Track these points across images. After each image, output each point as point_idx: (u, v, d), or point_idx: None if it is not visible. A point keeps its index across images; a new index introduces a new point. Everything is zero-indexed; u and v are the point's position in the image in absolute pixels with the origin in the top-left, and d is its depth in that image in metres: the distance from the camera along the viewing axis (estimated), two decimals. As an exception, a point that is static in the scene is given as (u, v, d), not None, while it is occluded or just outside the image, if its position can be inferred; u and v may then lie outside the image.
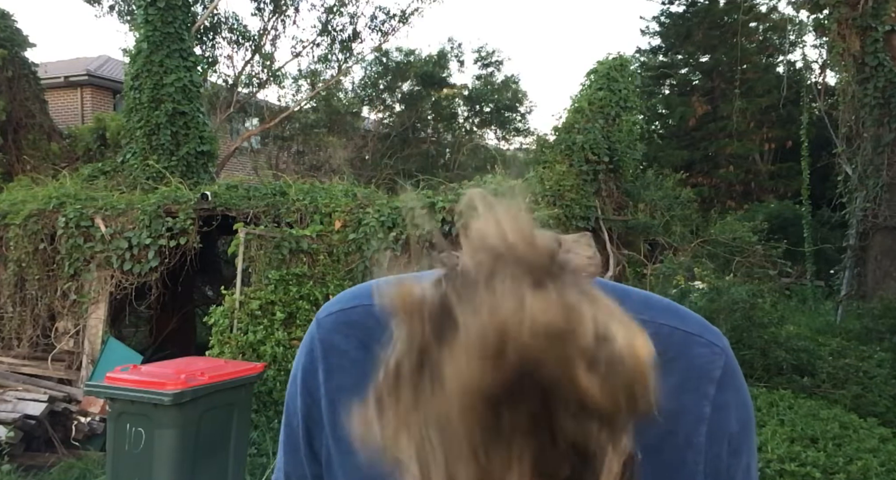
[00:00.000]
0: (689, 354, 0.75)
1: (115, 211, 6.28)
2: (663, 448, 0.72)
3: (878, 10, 9.74)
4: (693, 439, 0.73)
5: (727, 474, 0.75)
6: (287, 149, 19.70)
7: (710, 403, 0.74)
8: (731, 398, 0.76)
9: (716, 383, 0.75)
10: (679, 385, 0.73)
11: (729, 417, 0.75)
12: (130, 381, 3.48)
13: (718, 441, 0.74)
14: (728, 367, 0.77)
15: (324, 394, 0.77)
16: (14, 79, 10.83)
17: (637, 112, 9.99)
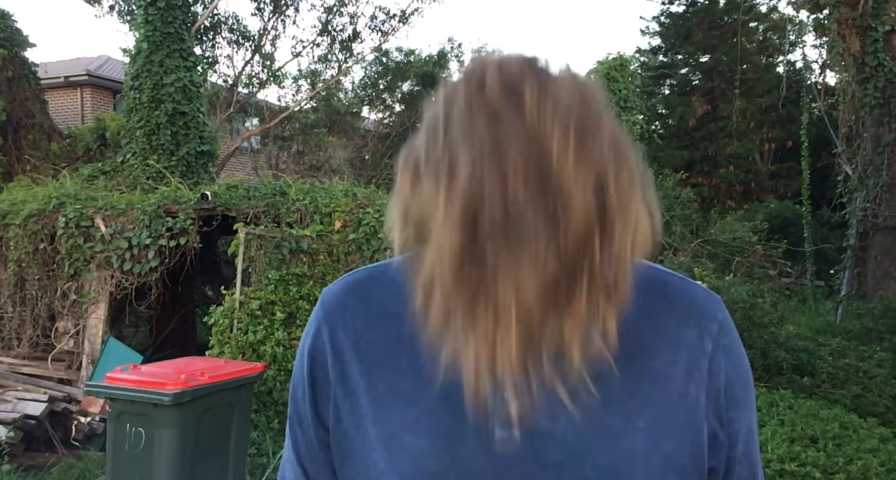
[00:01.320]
0: (690, 295, 0.81)
1: (115, 211, 6.28)
2: (670, 376, 0.76)
3: (878, 10, 9.74)
4: (694, 372, 0.76)
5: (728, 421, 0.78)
6: (287, 149, 19.70)
7: (711, 340, 0.78)
8: (733, 344, 0.80)
9: (718, 323, 0.79)
10: (681, 319, 0.78)
11: (730, 360, 0.79)
12: (130, 381, 3.48)
13: (718, 377, 0.77)
14: (727, 316, 0.81)
15: (329, 351, 0.81)
16: (14, 79, 10.84)
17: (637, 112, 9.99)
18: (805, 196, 15.42)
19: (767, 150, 20.24)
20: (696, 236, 9.49)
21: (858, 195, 10.16)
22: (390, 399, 0.77)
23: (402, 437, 0.75)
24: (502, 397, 0.72)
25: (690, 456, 0.75)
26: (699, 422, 0.75)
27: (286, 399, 5.34)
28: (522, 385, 0.72)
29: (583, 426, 0.72)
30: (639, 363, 0.75)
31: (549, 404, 0.72)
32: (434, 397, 0.75)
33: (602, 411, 0.73)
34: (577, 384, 0.72)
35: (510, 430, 0.72)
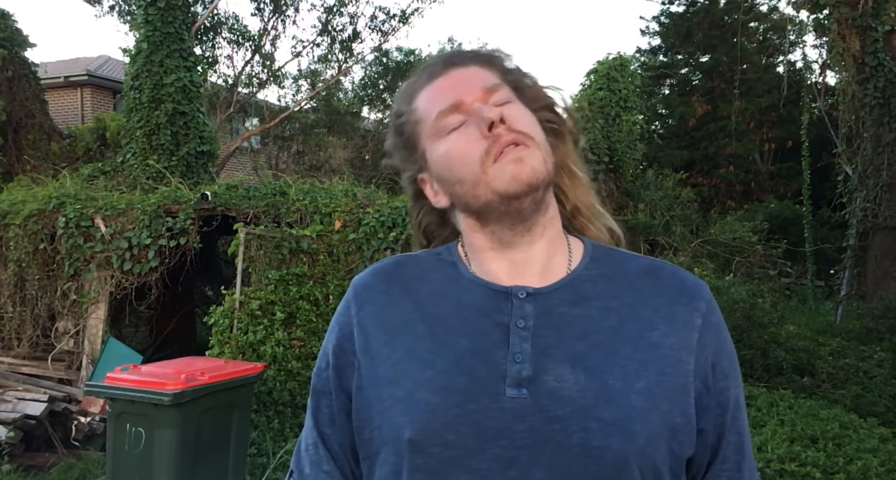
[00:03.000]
0: (680, 278, 0.90)
1: (115, 211, 6.28)
2: (661, 345, 0.84)
3: (878, 10, 9.74)
4: (686, 342, 0.85)
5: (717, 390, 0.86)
6: (287, 149, 19.69)
7: (700, 316, 0.87)
8: (719, 322, 0.89)
9: (706, 302, 0.88)
10: (673, 298, 0.87)
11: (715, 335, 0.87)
12: (130, 381, 3.48)
13: (705, 349, 0.85)
14: (713, 299, 0.90)
15: (356, 324, 0.91)
16: (14, 79, 10.83)
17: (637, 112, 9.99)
18: (805, 196, 15.41)
19: (767, 150, 20.22)
20: (696, 236, 9.48)
21: (858, 195, 10.16)
22: (409, 362, 0.85)
23: (418, 393, 0.83)
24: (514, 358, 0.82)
25: (683, 416, 0.82)
26: (689, 386, 0.83)
27: (286, 399, 5.34)
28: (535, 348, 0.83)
29: (586, 386, 0.80)
30: (636, 335, 0.84)
31: (556, 366, 0.81)
32: (449, 360, 0.83)
33: (604, 374, 0.81)
34: (581, 350, 0.82)
35: (520, 389, 0.80)
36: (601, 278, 0.88)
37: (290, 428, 5.14)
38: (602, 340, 0.83)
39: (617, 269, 0.89)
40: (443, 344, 0.84)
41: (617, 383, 0.80)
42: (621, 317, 0.84)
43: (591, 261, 0.90)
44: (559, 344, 0.82)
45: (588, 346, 0.82)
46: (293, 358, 5.45)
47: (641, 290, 0.87)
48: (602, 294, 0.86)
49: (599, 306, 0.85)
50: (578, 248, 0.92)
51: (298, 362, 5.45)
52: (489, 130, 0.84)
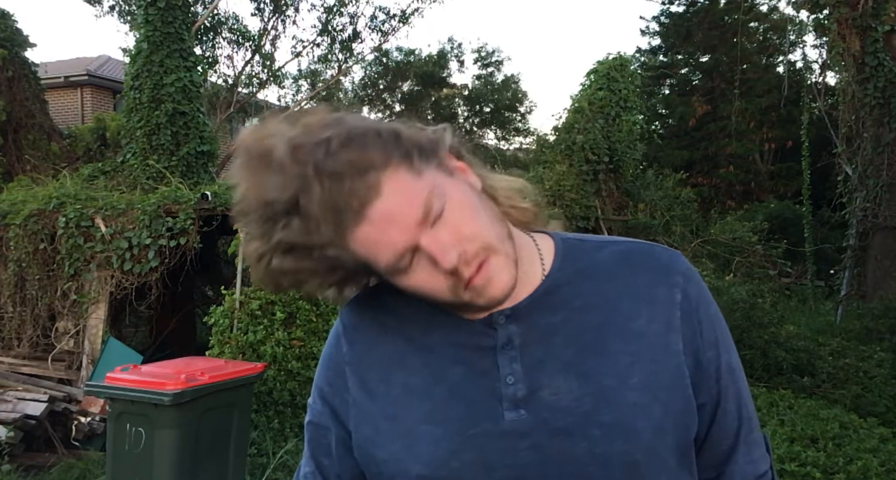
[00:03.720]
0: (653, 255, 0.89)
1: (115, 211, 6.28)
2: (648, 333, 0.83)
3: (878, 10, 9.74)
4: (672, 322, 0.84)
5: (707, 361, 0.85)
6: (287, 149, 19.67)
7: (680, 291, 0.85)
8: (699, 292, 0.87)
9: (683, 275, 0.87)
10: (651, 280, 0.86)
11: (697, 305, 0.86)
12: (130, 381, 3.48)
13: (690, 322, 0.84)
14: (689, 266, 0.89)
15: (347, 361, 0.90)
16: (14, 79, 10.83)
17: (637, 112, 9.99)
18: (805, 196, 15.41)
19: (767, 150, 20.22)
20: (696, 236, 9.49)
21: (858, 195, 10.16)
22: (406, 396, 0.84)
23: (420, 428, 0.82)
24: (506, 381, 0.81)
25: (683, 399, 0.82)
26: (682, 366, 0.83)
27: (286, 399, 5.34)
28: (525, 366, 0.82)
29: (582, 392, 0.80)
30: (622, 327, 0.83)
31: (550, 379, 0.81)
32: (445, 390, 0.83)
33: (598, 375, 0.80)
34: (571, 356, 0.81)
35: (518, 410, 0.80)
36: (576, 275, 0.86)
37: (290, 428, 5.14)
38: (589, 340, 0.82)
39: (590, 261, 0.88)
40: (437, 374, 0.84)
41: (612, 382, 0.80)
42: (604, 312, 0.84)
43: (563, 260, 0.88)
44: (548, 355, 0.82)
45: (577, 350, 0.81)
46: (293, 358, 5.45)
47: (618, 279, 0.86)
48: (580, 292, 0.85)
49: (580, 305, 0.84)
50: (549, 247, 0.90)
51: (298, 362, 5.45)
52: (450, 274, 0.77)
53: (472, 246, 0.77)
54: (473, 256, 0.77)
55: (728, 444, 0.88)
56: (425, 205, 0.75)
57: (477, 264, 0.77)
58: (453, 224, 0.76)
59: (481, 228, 0.78)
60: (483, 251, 0.77)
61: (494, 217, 0.81)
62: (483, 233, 0.78)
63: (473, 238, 0.77)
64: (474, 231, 0.77)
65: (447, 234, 0.76)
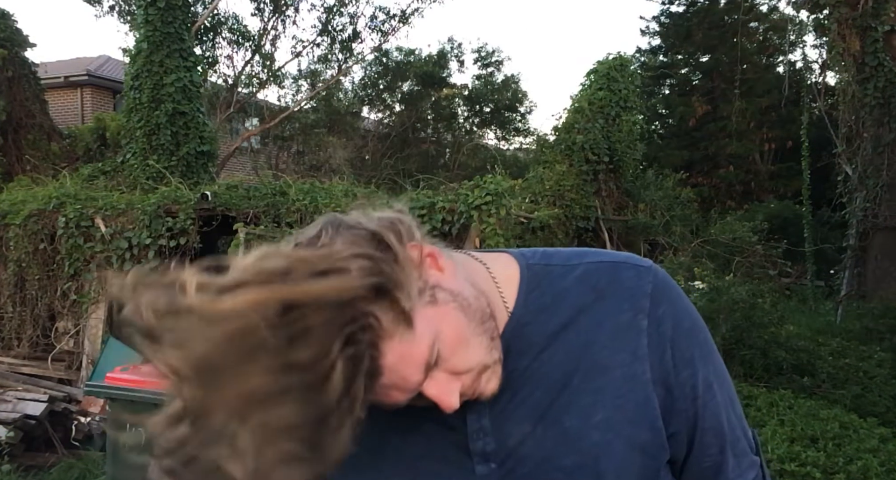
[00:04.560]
0: (618, 279, 0.83)
1: (115, 211, 6.28)
2: (612, 365, 0.79)
3: (878, 10, 9.74)
4: (638, 351, 0.79)
5: (680, 383, 0.80)
6: (287, 149, 19.70)
7: (646, 316, 0.80)
8: (668, 310, 0.82)
9: (648, 297, 0.81)
10: (615, 307, 0.81)
11: (667, 325, 0.81)
12: (130, 381, 3.48)
13: (659, 347, 0.80)
14: (658, 282, 0.83)
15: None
16: (14, 79, 10.83)
17: (637, 112, 9.98)
18: (805, 196, 15.41)
19: (767, 150, 20.22)
20: (696, 236, 9.48)
21: (858, 195, 10.16)
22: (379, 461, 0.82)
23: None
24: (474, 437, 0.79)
25: (650, 430, 0.79)
26: (651, 397, 0.79)
27: (286, 399, 5.34)
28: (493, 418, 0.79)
29: (544, 435, 0.77)
30: (587, 363, 0.79)
31: (517, 428, 0.78)
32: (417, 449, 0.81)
33: (560, 417, 0.78)
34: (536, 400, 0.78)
35: (488, 464, 0.78)
36: (542, 312, 0.82)
37: (290, 428, 5.14)
38: (554, 380, 0.79)
39: (554, 293, 0.83)
40: (407, 433, 0.81)
41: (574, 422, 0.77)
42: (568, 347, 0.80)
43: (528, 292, 0.83)
44: (515, 403, 0.79)
45: (542, 394, 0.79)
46: (293, 358, 5.45)
47: (583, 308, 0.81)
48: (545, 329, 0.81)
49: (545, 344, 0.80)
50: (511, 276, 0.84)
51: (298, 362, 5.45)
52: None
53: (470, 377, 0.74)
54: (471, 385, 0.75)
55: (713, 462, 0.84)
56: (426, 365, 0.70)
57: (473, 390, 0.75)
58: (451, 365, 0.72)
59: (475, 358, 0.74)
60: (479, 374, 0.75)
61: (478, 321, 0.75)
62: (477, 360, 0.75)
63: (470, 369, 0.74)
64: (471, 365, 0.74)
65: (447, 379, 0.72)
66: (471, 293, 0.77)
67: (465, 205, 5.91)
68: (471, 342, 0.74)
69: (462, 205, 5.92)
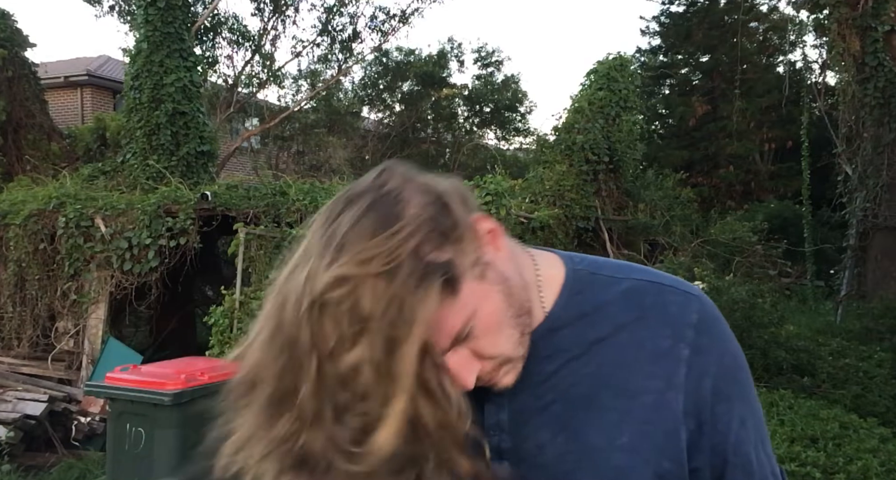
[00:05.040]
0: (663, 302, 0.80)
1: (115, 211, 6.28)
2: (645, 390, 0.76)
3: (878, 10, 9.74)
4: (674, 380, 0.77)
5: (713, 419, 0.78)
6: (287, 149, 19.70)
7: (687, 346, 0.78)
8: (710, 341, 0.79)
9: (693, 327, 0.79)
10: (656, 330, 0.78)
11: (709, 359, 0.78)
12: (130, 381, 3.48)
13: (696, 379, 0.77)
14: (705, 313, 0.80)
15: None
16: (14, 79, 10.83)
17: (637, 112, 9.99)
18: (805, 196, 15.41)
19: (767, 150, 20.22)
20: (696, 236, 9.48)
21: (858, 195, 10.16)
22: None
23: None
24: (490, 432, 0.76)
25: (672, 462, 0.76)
26: (679, 428, 0.76)
27: (286, 399, 5.34)
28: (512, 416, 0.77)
29: (566, 449, 0.75)
30: (618, 379, 0.77)
31: (535, 433, 0.76)
32: None
33: (585, 432, 0.75)
34: (560, 409, 0.76)
35: (501, 462, 0.76)
36: (580, 319, 0.80)
37: (290, 428, 5.14)
38: (581, 392, 0.77)
39: (596, 303, 0.81)
40: None
41: (599, 441, 0.75)
42: (601, 362, 0.78)
43: (570, 297, 0.81)
44: (537, 406, 0.77)
45: (567, 403, 0.77)
46: (293, 358, 5.45)
47: (624, 325, 0.79)
48: (580, 338, 0.79)
49: (577, 353, 0.78)
50: (555, 277, 0.83)
51: (298, 362, 5.45)
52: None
53: (491, 364, 0.73)
54: (489, 372, 0.74)
55: None
56: (457, 334, 0.69)
57: (489, 377, 0.74)
58: (478, 346, 0.71)
59: (502, 347, 0.73)
60: (499, 365, 0.74)
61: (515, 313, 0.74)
62: (503, 350, 0.74)
63: (494, 357, 0.73)
64: (496, 352, 0.73)
65: (469, 358, 0.71)
66: (517, 282, 0.76)
67: (465, 205, 5.89)
68: (504, 331, 0.73)
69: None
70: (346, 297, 0.62)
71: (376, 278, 0.62)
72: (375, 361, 0.62)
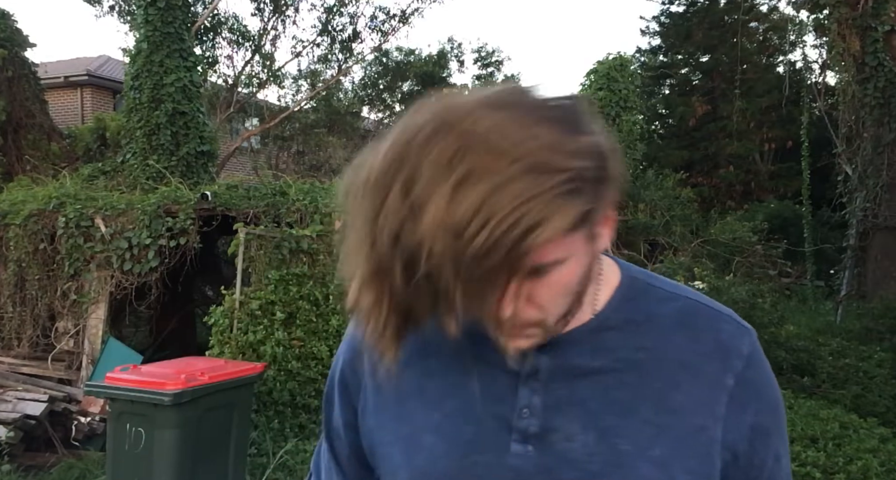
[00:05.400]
0: (716, 328, 0.80)
1: (115, 211, 6.28)
2: (688, 409, 0.76)
3: (878, 10, 9.74)
4: (714, 407, 0.76)
5: (750, 452, 0.78)
6: (287, 149, 19.70)
7: (734, 376, 0.77)
8: (758, 377, 0.79)
9: (744, 359, 0.78)
10: (706, 353, 0.78)
11: (753, 393, 0.78)
12: (130, 381, 3.48)
13: (738, 411, 0.77)
14: (755, 348, 0.80)
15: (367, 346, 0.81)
16: (14, 79, 10.83)
17: (637, 112, 10.00)
18: (805, 196, 15.42)
19: (767, 150, 20.22)
20: (696, 236, 9.49)
21: (858, 195, 10.16)
22: (416, 399, 0.81)
23: (423, 437, 0.79)
24: (521, 413, 0.76)
25: None
26: (714, 456, 0.76)
27: (286, 399, 5.34)
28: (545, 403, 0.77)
29: (597, 449, 0.74)
30: (659, 393, 0.76)
31: (567, 424, 0.75)
32: (458, 404, 0.79)
33: (617, 437, 0.75)
34: (595, 408, 0.75)
35: (526, 445, 0.76)
36: (629, 325, 0.79)
37: (290, 428, 5.14)
38: (619, 398, 0.76)
39: (649, 313, 0.80)
40: (453, 384, 0.79)
41: (629, 448, 0.74)
42: (644, 373, 0.77)
43: (623, 302, 0.81)
44: (572, 399, 0.76)
45: (603, 404, 0.76)
46: (293, 358, 5.45)
47: (672, 341, 0.78)
48: (627, 343, 0.78)
49: (622, 358, 0.78)
50: (611, 282, 0.82)
51: (298, 362, 5.45)
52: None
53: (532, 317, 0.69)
54: (523, 326, 0.70)
55: None
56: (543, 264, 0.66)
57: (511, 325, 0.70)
58: (537, 290, 0.67)
59: (553, 313, 0.71)
60: (535, 326, 0.71)
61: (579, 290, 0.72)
62: (551, 316, 0.71)
63: (539, 317, 0.70)
64: (545, 315, 0.70)
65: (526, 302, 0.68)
66: (595, 267, 0.75)
67: (465, 205, 5.90)
68: (564, 295, 0.70)
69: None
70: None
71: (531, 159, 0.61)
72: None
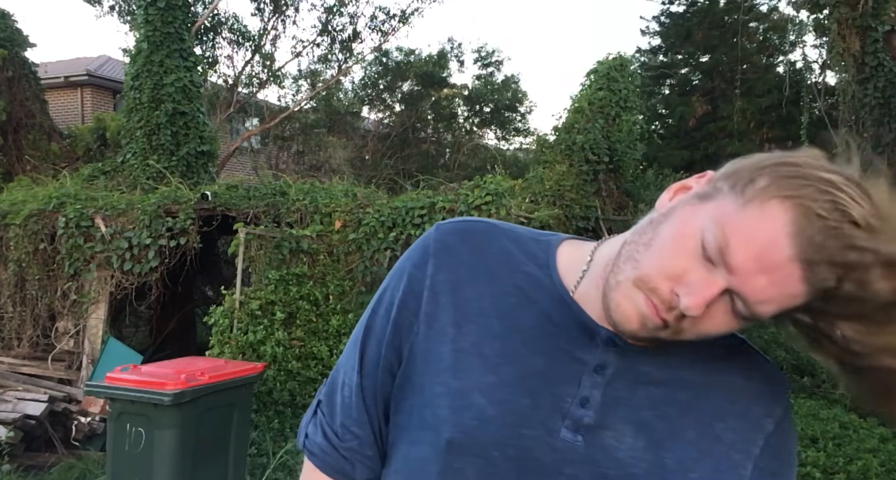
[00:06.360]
0: (768, 374, 0.84)
1: (115, 211, 6.28)
2: (723, 441, 0.78)
3: (878, 10, 9.74)
4: (751, 447, 0.79)
5: None
6: (287, 149, 19.69)
7: (773, 422, 0.80)
8: (789, 430, 0.83)
9: (783, 408, 0.82)
10: (753, 396, 0.81)
11: (781, 440, 0.81)
12: (130, 381, 3.48)
13: (768, 455, 0.79)
14: (788, 400, 0.85)
15: (428, 286, 0.82)
16: (14, 79, 10.83)
17: (637, 112, 10.00)
18: (805, 196, 15.39)
19: (767, 150, 20.19)
20: (696, 236, 9.46)
21: (858, 195, 10.16)
22: (473, 356, 0.79)
23: (475, 397, 0.77)
24: (580, 402, 0.77)
25: None
26: None
27: (286, 399, 5.34)
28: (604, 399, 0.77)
29: (642, 456, 0.76)
30: (705, 419, 0.78)
31: (619, 424, 0.76)
32: (517, 373, 0.78)
33: (663, 450, 0.76)
34: (648, 417, 0.77)
35: (576, 434, 0.76)
36: (695, 348, 0.79)
37: (291, 428, 5.15)
38: (671, 413, 0.78)
39: (713, 343, 0.79)
40: (515, 353, 0.78)
41: (673, 464, 0.76)
42: (697, 395, 0.79)
43: None
44: (629, 402, 0.77)
45: (656, 415, 0.77)
46: (293, 358, 5.45)
47: (725, 372, 0.81)
48: (688, 363, 0.80)
49: (681, 376, 0.79)
50: None
51: (298, 362, 5.45)
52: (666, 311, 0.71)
53: (695, 314, 0.70)
54: (671, 310, 0.71)
55: None
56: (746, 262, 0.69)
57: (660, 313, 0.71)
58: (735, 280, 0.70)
59: (711, 329, 0.74)
60: (678, 321, 0.72)
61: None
62: (706, 329, 0.74)
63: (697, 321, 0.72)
64: (706, 326, 0.73)
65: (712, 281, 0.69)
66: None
67: (465, 205, 5.91)
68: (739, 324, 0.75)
69: (462, 205, 5.93)
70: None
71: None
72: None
